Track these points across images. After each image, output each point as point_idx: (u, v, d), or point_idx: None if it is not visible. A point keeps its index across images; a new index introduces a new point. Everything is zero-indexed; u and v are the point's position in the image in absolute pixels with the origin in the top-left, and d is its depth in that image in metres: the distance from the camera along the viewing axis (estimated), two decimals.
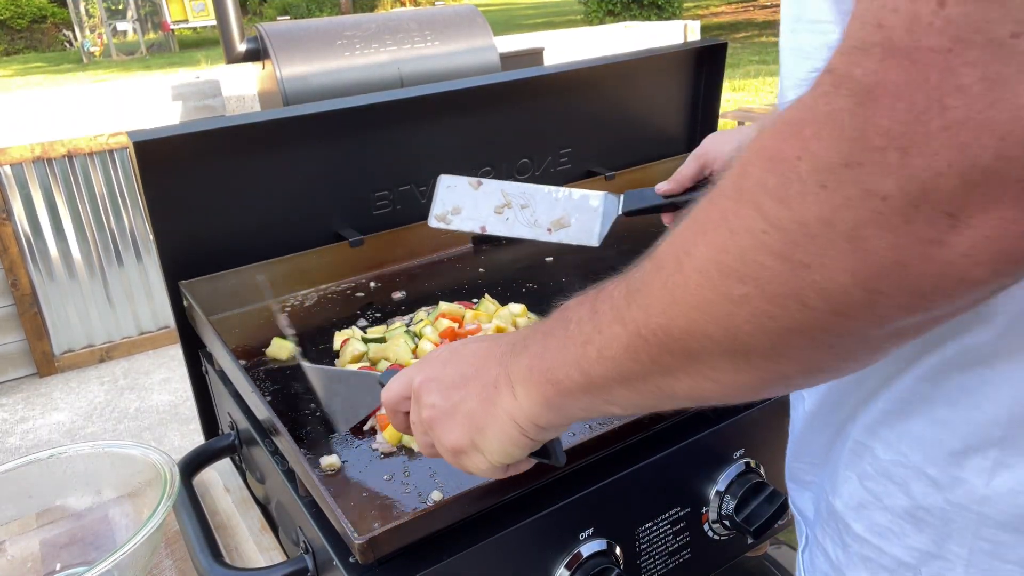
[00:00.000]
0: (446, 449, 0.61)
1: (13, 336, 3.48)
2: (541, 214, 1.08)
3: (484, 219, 1.09)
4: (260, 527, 1.00)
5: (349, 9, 17.02)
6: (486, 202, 1.09)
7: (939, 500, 0.50)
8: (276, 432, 0.80)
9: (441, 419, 0.60)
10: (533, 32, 4.86)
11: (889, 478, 0.53)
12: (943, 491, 0.50)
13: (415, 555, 0.70)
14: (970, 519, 0.49)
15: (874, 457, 0.54)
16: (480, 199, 1.10)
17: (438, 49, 2.94)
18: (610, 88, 1.50)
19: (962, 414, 0.48)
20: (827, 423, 0.60)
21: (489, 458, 0.59)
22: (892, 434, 0.52)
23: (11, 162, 3.26)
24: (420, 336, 1.03)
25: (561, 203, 1.09)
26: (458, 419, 0.59)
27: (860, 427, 0.55)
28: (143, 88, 3.54)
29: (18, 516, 0.92)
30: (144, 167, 1.05)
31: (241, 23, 2.93)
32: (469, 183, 1.10)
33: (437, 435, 0.61)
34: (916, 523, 0.52)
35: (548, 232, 1.07)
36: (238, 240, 1.18)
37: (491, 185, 1.10)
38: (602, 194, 1.07)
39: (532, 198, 1.09)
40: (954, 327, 0.47)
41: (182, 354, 1.18)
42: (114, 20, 18.15)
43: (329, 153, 1.22)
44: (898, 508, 0.52)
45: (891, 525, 0.53)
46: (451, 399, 0.59)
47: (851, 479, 0.56)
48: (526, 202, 1.09)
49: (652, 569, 0.84)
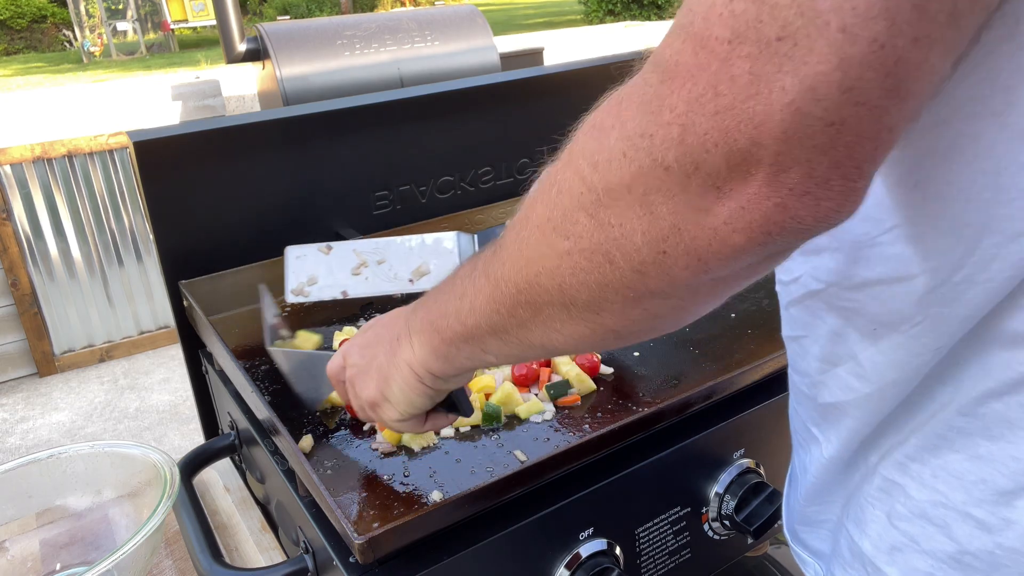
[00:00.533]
0: (364, 403, 0.67)
1: (13, 336, 3.48)
2: (399, 266, 1.08)
3: (343, 284, 1.07)
4: (260, 527, 1.00)
5: (349, 9, 17.02)
6: (340, 265, 1.07)
7: (988, 543, 0.46)
8: (276, 432, 0.80)
9: (359, 376, 0.66)
10: (533, 32, 4.86)
11: (927, 519, 0.49)
12: (992, 534, 0.46)
13: (415, 555, 0.70)
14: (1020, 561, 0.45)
15: (907, 496, 0.50)
16: (334, 264, 1.07)
17: (438, 49, 2.94)
18: (610, 88, 1.50)
19: (1006, 449, 0.44)
20: (850, 465, 0.56)
21: (397, 407, 0.64)
22: (926, 471, 0.49)
23: (11, 162, 3.26)
24: None
25: (416, 251, 1.08)
26: (371, 374, 0.65)
27: (890, 463, 0.51)
28: (143, 88, 3.54)
29: (18, 516, 0.92)
30: (144, 167, 1.05)
31: (241, 23, 2.93)
32: (319, 249, 1.07)
33: (356, 391, 0.67)
34: (963, 568, 0.48)
35: (410, 283, 1.07)
36: (238, 240, 1.18)
37: (342, 248, 1.07)
38: (454, 235, 1.06)
39: (386, 252, 1.08)
40: (988, 354, 0.45)
41: (182, 354, 1.18)
42: (114, 20, 18.14)
43: (329, 153, 1.22)
44: (940, 552, 0.48)
45: (933, 571, 0.49)
46: (366, 356, 0.66)
47: (879, 519, 0.52)
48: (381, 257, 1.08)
49: (652, 569, 0.84)
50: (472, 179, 1.39)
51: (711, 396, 0.85)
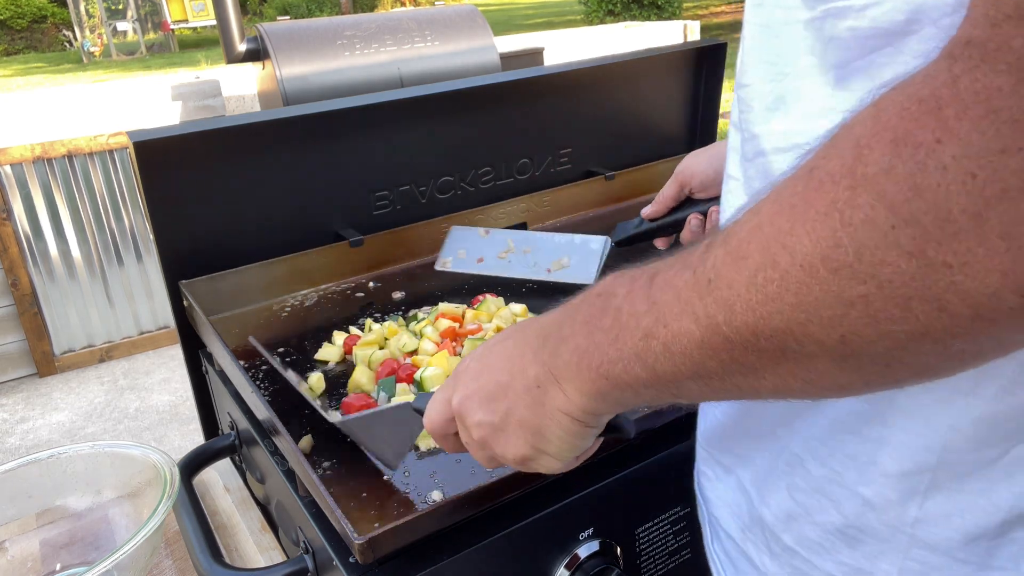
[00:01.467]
0: (511, 461, 0.57)
1: (13, 336, 3.48)
2: (541, 257, 1.18)
3: (485, 263, 1.20)
4: (260, 527, 1.00)
5: (349, 9, 17.02)
6: (491, 248, 1.21)
7: (872, 520, 0.50)
8: (276, 432, 0.80)
9: (494, 435, 0.56)
10: (533, 32, 4.85)
11: (822, 494, 0.52)
12: (877, 511, 0.49)
13: (415, 555, 0.70)
14: (902, 540, 0.49)
15: (806, 472, 0.53)
16: (486, 246, 1.22)
17: (438, 49, 2.94)
18: (610, 88, 1.50)
19: (898, 436, 0.47)
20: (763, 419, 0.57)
21: (556, 456, 0.55)
22: (825, 450, 0.51)
23: (11, 162, 3.26)
24: (421, 336, 1.03)
25: (563, 247, 1.18)
26: (511, 430, 0.55)
27: (799, 440, 0.53)
28: (143, 88, 3.53)
29: (18, 516, 0.92)
30: (144, 167, 1.05)
31: (241, 23, 2.93)
32: (479, 232, 1.24)
33: (497, 451, 0.57)
34: (847, 540, 0.51)
35: (548, 272, 1.16)
36: (238, 240, 1.18)
37: (499, 234, 1.23)
38: (603, 238, 1.15)
39: (534, 243, 1.20)
40: None
41: (182, 354, 1.18)
42: (114, 20, 18.14)
43: (329, 153, 1.22)
44: (829, 524, 0.52)
45: (822, 540, 0.53)
46: (497, 412, 0.55)
47: (780, 489, 0.55)
48: (528, 247, 1.19)
49: (652, 569, 0.84)
50: (472, 179, 1.39)
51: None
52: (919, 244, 0.32)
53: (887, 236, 0.33)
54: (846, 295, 0.34)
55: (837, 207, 0.34)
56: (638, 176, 1.55)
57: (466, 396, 0.57)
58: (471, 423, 0.57)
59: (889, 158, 0.33)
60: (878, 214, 0.33)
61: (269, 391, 0.96)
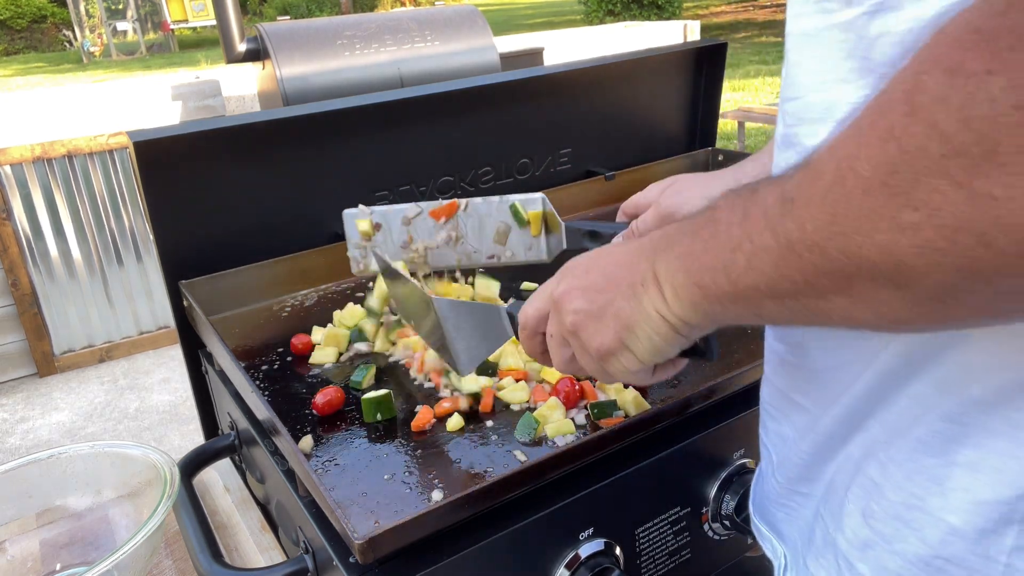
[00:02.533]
0: (594, 353, 0.58)
1: (13, 336, 3.48)
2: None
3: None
4: (260, 527, 1.00)
5: (349, 9, 17.02)
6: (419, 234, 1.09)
7: (961, 549, 0.46)
8: (276, 432, 0.80)
9: (587, 323, 0.58)
10: (533, 32, 4.85)
11: (902, 521, 0.49)
12: (966, 540, 0.45)
13: (415, 555, 0.70)
14: (996, 570, 0.45)
15: (882, 496, 0.50)
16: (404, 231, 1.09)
17: (438, 49, 2.94)
18: (610, 88, 1.50)
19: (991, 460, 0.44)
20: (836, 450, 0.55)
21: (640, 356, 0.57)
22: (901, 473, 0.48)
23: (11, 162, 3.26)
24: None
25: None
26: (606, 320, 0.56)
27: (874, 463, 0.51)
28: (143, 88, 3.53)
29: (18, 516, 0.92)
30: (144, 167, 1.05)
31: (241, 23, 2.93)
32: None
33: (584, 340, 0.58)
34: (931, 572, 0.48)
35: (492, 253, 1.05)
36: (238, 240, 1.18)
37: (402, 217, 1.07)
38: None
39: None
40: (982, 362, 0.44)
41: (182, 354, 1.18)
42: (114, 20, 18.15)
43: (329, 153, 1.22)
44: (910, 554, 0.48)
45: (902, 572, 0.49)
46: (597, 301, 0.57)
47: (854, 514, 0.52)
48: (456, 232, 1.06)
49: (652, 569, 0.84)
50: (472, 179, 1.39)
51: (711, 396, 0.85)
52: (967, 175, 0.32)
53: (938, 165, 0.33)
54: (899, 220, 0.35)
55: (894, 133, 0.35)
56: (638, 176, 1.55)
57: (570, 287, 0.59)
58: (568, 309, 0.59)
59: (943, 87, 0.33)
60: (931, 142, 0.33)
61: (269, 391, 0.96)
